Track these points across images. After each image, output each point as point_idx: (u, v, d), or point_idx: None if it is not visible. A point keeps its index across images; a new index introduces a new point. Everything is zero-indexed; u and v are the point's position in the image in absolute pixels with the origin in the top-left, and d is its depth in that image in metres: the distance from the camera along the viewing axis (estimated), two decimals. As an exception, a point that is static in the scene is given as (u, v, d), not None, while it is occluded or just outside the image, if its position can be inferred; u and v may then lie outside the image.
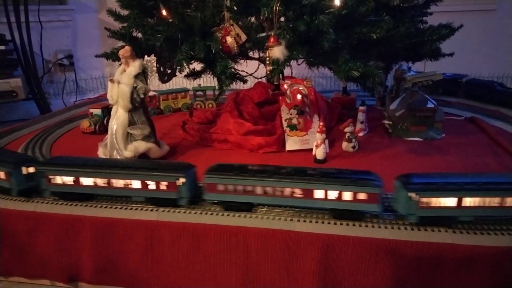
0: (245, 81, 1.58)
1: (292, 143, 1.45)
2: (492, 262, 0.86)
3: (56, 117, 2.08)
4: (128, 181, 1.04)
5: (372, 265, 0.90)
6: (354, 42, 1.28)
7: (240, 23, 1.36)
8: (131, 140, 1.32)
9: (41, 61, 2.64)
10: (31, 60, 2.43)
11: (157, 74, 1.68)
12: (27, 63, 2.41)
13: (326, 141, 1.33)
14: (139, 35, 1.49)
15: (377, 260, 0.90)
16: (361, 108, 1.59)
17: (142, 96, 1.29)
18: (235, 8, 1.28)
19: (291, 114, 1.45)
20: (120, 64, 1.31)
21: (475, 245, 0.87)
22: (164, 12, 1.44)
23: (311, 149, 1.36)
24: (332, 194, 0.94)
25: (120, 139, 1.30)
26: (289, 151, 1.45)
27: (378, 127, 1.68)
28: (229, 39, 1.30)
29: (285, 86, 1.50)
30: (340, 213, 0.95)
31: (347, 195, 0.93)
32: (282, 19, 1.25)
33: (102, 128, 1.73)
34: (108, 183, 1.05)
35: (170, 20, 1.41)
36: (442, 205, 0.89)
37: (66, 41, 2.81)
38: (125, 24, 1.51)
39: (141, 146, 1.31)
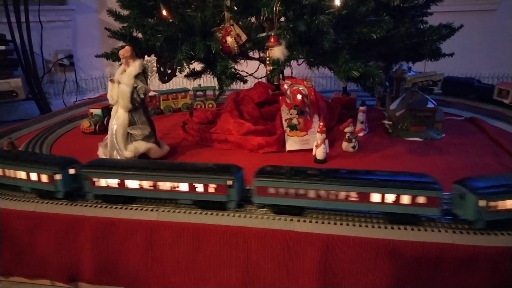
0: (245, 81, 1.58)
1: (292, 143, 1.45)
2: (492, 262, 0.86)
3: (56, 117, 2.08)
4: (175, 184, 1.02)
5: (372, 265, 0.90)
6: (354, 42, 1.28)
7: (240, 23, 1.36)
8: (131, 140, 1.32)
9: (41, 61, 2.64)
10: (31, 60, 2.43)
11: (157, 74, 1.68)
12: (27, 63, 2.41)
13: (326, 141, 1.33)
14: (139, 35, 1.49)
15: (377, 260, 0.90)
16: (361, 108, 1.59)
17: (142, 96, 1.29)
18: (235, 8, 1.28)
19: (291, 114, 1.45)
20: (120, 64, 1.31)
21: (475, 245, 0.87)
22: (164, 12, 1.44)
23: (311, 149, 1.36)
24: (390, 198, 0.91)
25: (120, 139, 1.30)
26: (289, 151, 1.45)
27: (378, 127, 1.68)
28: (229, 39, 1.30)
29: (285, 86, 1.50)
30: (397, 217, 0.93)
31: (406, 199, 0.91)
32: (282, 19, 1.25)
33: (102, 128, 1.73)
34: (154, 185, 1.03)
35: (170, 20, 1.42)
36: (508, 207, 0.88)
37: (66, 41, 2.82)
38: (125, 24, 1.52)
39: (141, 146, 1.31)
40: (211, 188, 0.99)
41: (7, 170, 1.14)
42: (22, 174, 1.12)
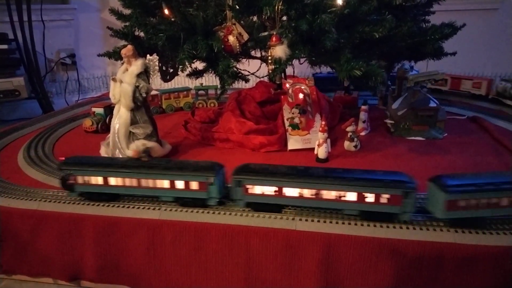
0: (247, 80, 1.59)
1: (294, 142, 1.45)
2: (494, 262, 0.86)
3: (59, 116, 2.09)
4: (342, 193, 0.94)
5: (373, 265, 0.90)
6: (356, 41, 1.28)
7: (242, 22, 1.36)
8: (133, 139, 1.32)
9: (43, 60, 2.65)
10: (33, 59, 2.43)
11: (159, 73, 1.68)
12: (30, 62, 2.42)
13: (328, 140, 1.33)
14: (141, 34, 1.49)
15: (378, 259, 0.90)
16: (363, 107, 1.59)
17: (144, 95, 1.29)
18: (237, 7, 1.29)
19: (293, 113, 1.45)
20: (122, 63, 1.31)
21: (476, 245, 0.87)
22: (166, 11, 1.44)
23: (313, 148, 1.36)
24: None
25: (122, 138, 1.30)
26: (291, 150, 1.45)
27: (380, 126, 1.67)
28: (231, 38, 1.30)
29: (287, 85, 1.50)
30: None
31: None
32: (284, 18, 1.25)
33: (104, 127, 1.74)
34: (317, 194, 0.96)
35: (172, 19, 1.42)
36: None
37: (69, 40, 2.82)
38: (127, 23, 1.52)
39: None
40: (384, 198, 0.92)
41: (143, 180, 1.04)
42: (164, 183, 1.03)
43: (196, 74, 1.77)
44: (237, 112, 1.60)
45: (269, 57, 1.24)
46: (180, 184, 1.02)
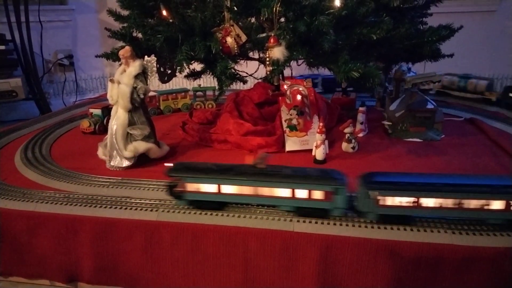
0: (245, 82, 1.59)
1: (291, 144, 1.45)
2: (492, 263, 0.86)
3: (56, 117, 2.08)
4: (488, 202, 0.88)
5: (371, 266, 0.90)
6: (354, 43, 1.29)
7: (240, 23, 1.36)
8: (131, 140, 1.32)
9: (41, 61, 2.65)
10: (31, 60, 2.43)
11: (157, 74, 1.68)
12: (27, 63, 2.41)
13: (326, 142, 1.33)
14: (139, 35, 1.49)
15: (376, 260, 0.90)
16: (361, 109, 1.59)
17: (142, 96, 1.29)
18: (235, 8, 1.29)
19: (291, 115, 1.45)
20: (120, 64, 1.31)
21: (474, 246, 0.87)
22: (164, 13, 1.44)
23: (310, 150, 1.36)
24: None
25: (120, 139, 1.30)
26: (288, 151, 1.45)
27: (377, 128, 1.68)
28: (229, 40, 1.30)
29: (285, 86, 1.50)
30: None
31: None
32: (282, 19, 1.25)
33: (102, 128, 1.73)
34: (460, 204, 0.89)
35: (171, 21, 1.42)
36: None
37: (66, 41, 2.82)
38: (125, 24, 1.52)
39: (141, 146, 1.31)
40: None
41: (260, 188, 0.98)
42: (284, 192, 0.97)
43: (194, 75, 1.77)
44: (235, 114, 1.60)
45: (267, 59, 1.24)
46: (302, 193, 0.96)
